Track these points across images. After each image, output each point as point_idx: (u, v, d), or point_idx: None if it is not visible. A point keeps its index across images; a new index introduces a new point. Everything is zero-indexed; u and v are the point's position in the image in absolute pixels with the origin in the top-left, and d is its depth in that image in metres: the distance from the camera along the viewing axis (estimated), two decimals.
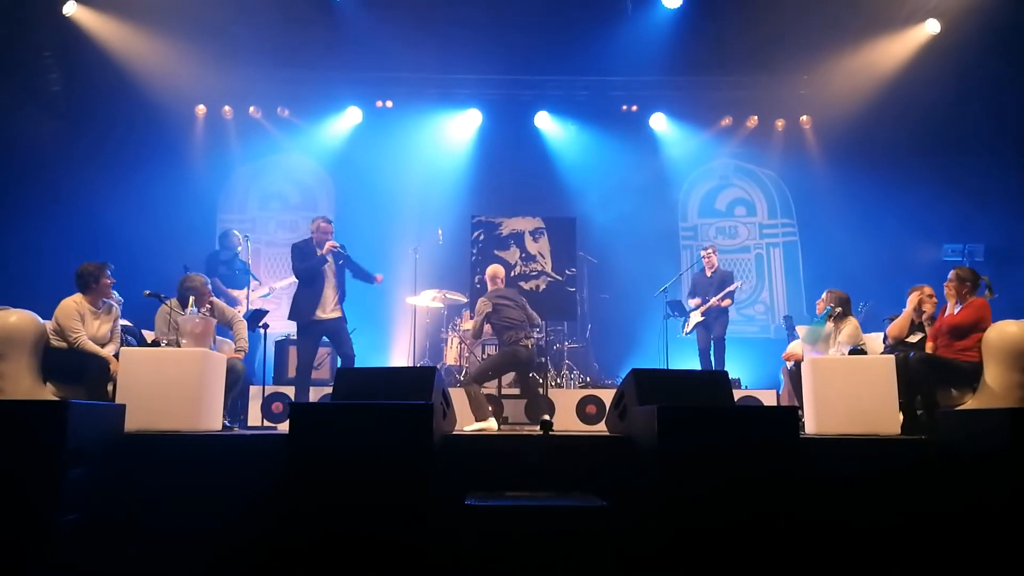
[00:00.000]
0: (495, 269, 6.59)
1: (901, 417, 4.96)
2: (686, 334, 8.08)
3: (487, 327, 6.34)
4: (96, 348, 5.03)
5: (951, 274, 5.31)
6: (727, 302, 7.75)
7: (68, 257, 5.37)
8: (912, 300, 5.54)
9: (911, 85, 8.56)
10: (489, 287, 6.49)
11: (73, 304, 5.04)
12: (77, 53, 8.32)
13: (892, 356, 5.03)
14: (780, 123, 10.13)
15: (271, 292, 8.67)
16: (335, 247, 6.09)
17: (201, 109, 9.66)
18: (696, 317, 7.92)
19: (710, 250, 8.13)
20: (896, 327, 5.54)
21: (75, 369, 4.91)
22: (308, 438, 3.56)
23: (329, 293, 6.09)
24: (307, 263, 6.07)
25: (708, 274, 8.06)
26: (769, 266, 10.21)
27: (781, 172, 10.33)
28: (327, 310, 6.07)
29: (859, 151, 9.25)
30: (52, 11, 8.03)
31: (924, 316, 5.46)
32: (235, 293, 7.70)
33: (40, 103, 8.23)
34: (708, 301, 7.81)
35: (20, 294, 5.45)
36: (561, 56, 9.32)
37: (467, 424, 5.94)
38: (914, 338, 5.55)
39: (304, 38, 8.80)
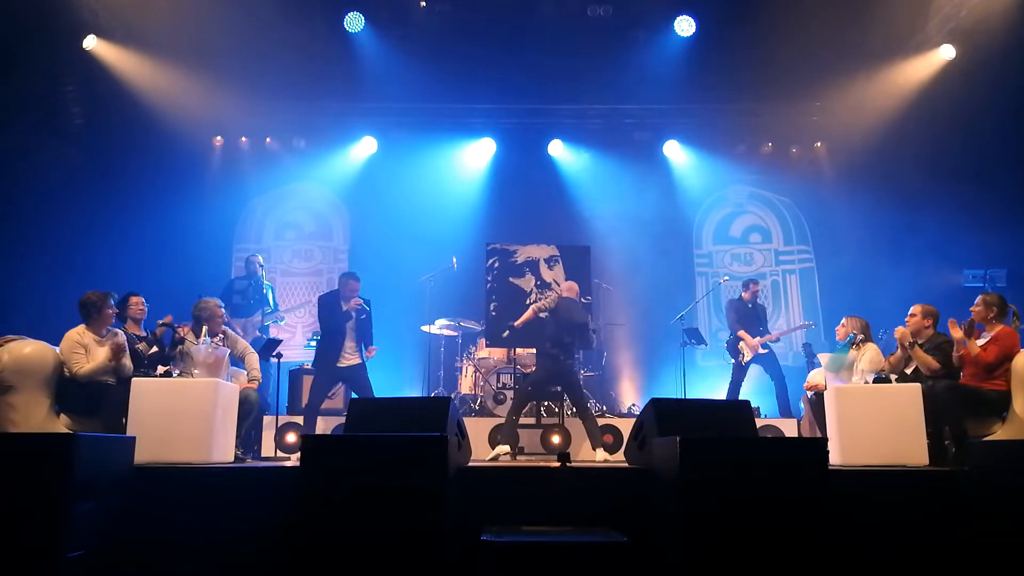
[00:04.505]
0: (569, 284, 6.93)
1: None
2: (745, 363, 7.73)
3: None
4: (101, 375, 4.99)
5: (978, 299, 5.20)
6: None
7: (87, 287, 5.37)
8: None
9: (927, 110, 8.50)
10: (563, 294, 6.85)
11: (76, 335, 5.03)
12: (98, 87, 8.46)
13: (919, 384, 4.91)
14: (794, 149, 10.09)
15: (283, 318, 8.70)
16: (359, 304, 6.48)
17: (218, 140, 9.76)
18: (755, 348, 7.71)
19: (757, 287, 8.14)
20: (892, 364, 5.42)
21: (90, 401, 4.87)
22: (320, 470, 3.49)
23: (349, 344, 6.51)
24: (332, 318, 6.52)
25: (750, 305, 7.98)
26: (786, 293, 10.09)
27: (796, 198, 10.26)
28: (346, 359, 6.49)
29: (875, 176, 9.17)
30: (73, 46, 8.17)
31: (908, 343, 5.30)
32: (243, 321, 7.72)
33: (62, 136, 8.34)
34: (762, 333, 7.79)
35: (41, 325, 5.46)
36: (574, 85, 9.36)
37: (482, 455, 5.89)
38: (907, 369, 5.41)
39: (321, 70, 8.90)
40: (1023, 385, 4.82)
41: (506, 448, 6.20)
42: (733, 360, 7.82)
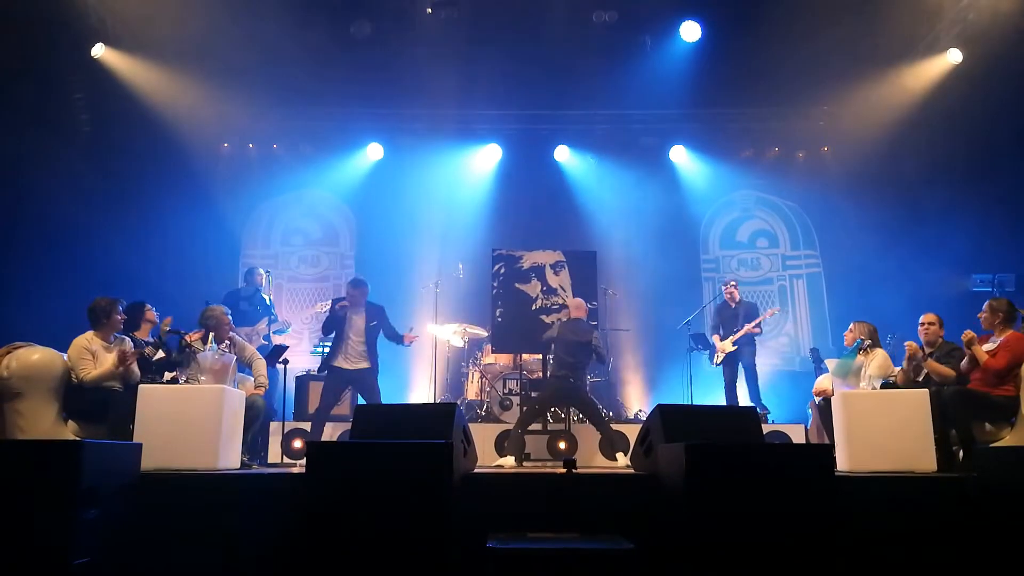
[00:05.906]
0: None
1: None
2: (716, 365, 8.01)
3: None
4: (108, 381, 5.00)
5: (985, 305, 5.18)
6: (757, 329, 7.96)
7: (94, 294, 5.39)
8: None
9: (934, 114, 8.45)
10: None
11: (84, 341, 5.06)
12: (106, 94, 8.49)
13: (926, 390, 4.88)
14: (801, 154, 10.05)
15: (289, 327, 8.70)
16: (344, 306, 6.66)
17: (225, 146, 9.80)
18: (727, 347, 7.90)
19: (732, 284, 8.24)
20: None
21: (97, 408, 4.89)
22: (325, 477, 3.49)
23: (351, 346, 6.60)
24: (330, 321, 6.77)
25: (732, 306, 8.10)
26: (793, 298, 10.05)
27: (803, 203, 10.23)
28: (349, 361, 6.58)
29: (882, 181, 9.13)
30: (81, 54, 8.22)
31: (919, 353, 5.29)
32: (248, 330, 7.74)
33: (70, 143, 8.37)
34: (737, 331, 7.88)
35: (48, 331, 5.48)
36: (580, 90, 9.35)
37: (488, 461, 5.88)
38: (918, 376, 5.39)
39: (327, 76, 8.90)
40: None
41: (511, 460, 6.21)
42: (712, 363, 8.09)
